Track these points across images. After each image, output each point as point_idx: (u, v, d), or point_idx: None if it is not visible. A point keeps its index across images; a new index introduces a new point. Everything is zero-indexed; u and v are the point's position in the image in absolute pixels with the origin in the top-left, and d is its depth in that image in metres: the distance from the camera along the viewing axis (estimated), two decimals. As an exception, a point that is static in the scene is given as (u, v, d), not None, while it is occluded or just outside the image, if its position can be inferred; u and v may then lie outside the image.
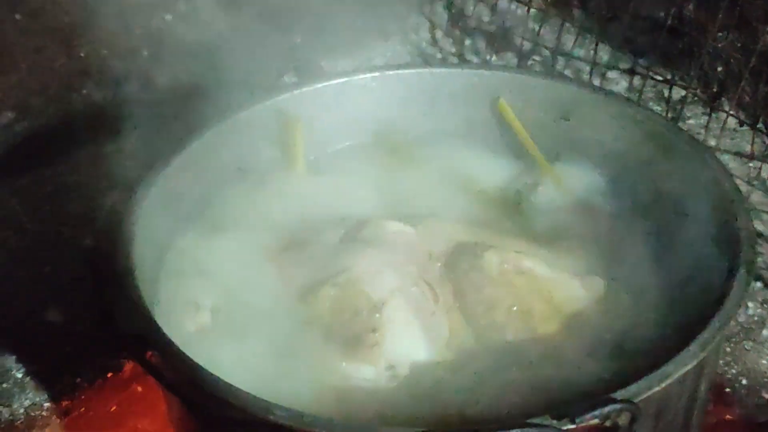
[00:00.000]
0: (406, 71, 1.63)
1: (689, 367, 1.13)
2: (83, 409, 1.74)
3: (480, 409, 1.21)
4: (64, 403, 1.73)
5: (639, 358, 1.24)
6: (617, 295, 1.37)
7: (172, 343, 1.17)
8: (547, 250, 1.42)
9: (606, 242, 1.45)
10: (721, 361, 1.70)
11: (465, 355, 1.31)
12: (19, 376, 1.75)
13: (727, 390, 1.68)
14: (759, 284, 1.83)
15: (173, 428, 1.37)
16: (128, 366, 1.78)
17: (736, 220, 1.30)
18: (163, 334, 1.18)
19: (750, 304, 1.80)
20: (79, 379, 1.75)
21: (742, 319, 1.77)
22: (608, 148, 1.53)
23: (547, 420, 1.05)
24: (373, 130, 1.63)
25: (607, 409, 1.06)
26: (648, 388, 1.10)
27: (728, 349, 1.72)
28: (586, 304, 1.35)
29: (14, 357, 1.77)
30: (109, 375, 1.77)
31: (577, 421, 1.05)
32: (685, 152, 1.43)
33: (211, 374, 1.13)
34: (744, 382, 1.68)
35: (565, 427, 1.05)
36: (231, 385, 1.11)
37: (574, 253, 1.43)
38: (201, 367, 1.14)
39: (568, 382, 1.24)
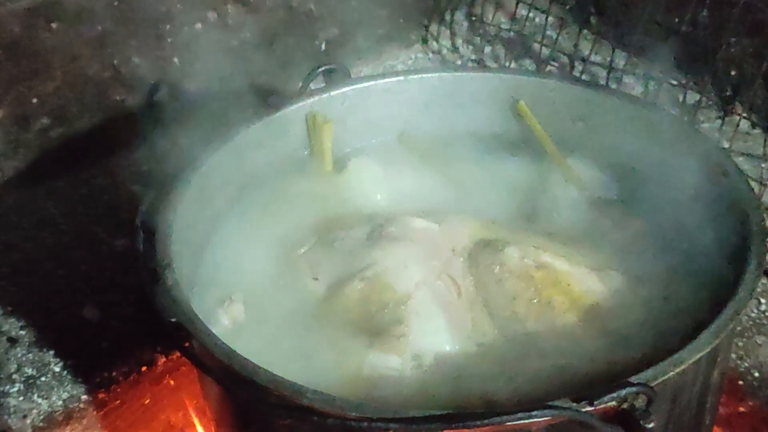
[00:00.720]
0: (429, 75, 1.69)
1: (702, 353, 1.17)
2: (118, 401, 1.79)
3: (502, 395, 1.26)
4: (101, 396, 1.77)
5: (654, 347, 1.29)
6: (634, 288, 1.41)
7: (209, 331, 1.23)
8: (566, 245, 1.47)
9: (622, 238, 1.49)
10: (733, 355, 1.74)
11: (487, 346, 1.35)
12: (57, 370, 1.79)
13: (740, 383, 1.71)
14: (771, 281, 1.87)
15: (210, 413, 1.43)
16: (161, 361, 1.83)
17: (749, 216, 1.35)
18: (201, 322, 1.24)
19: (762, 300, 1.83)
20: (114, 373, 1.79)
21: (754, 314, 1.81)
22: (623, 147, 1.57)
23: (566, 402, 1.10)
24: (397, 131, 1.69)
25: (624, 392, 1.10)
26: (663, 373, 1.14)
27: (740, 344, 1.76)
28: (604, 297, 1.39)
29: (53, 352, 1.82)
30: (144, 369, 1.81)
31: (595, 403, 1.09)
32: (698, 152, 1.47)
33: (248, 360, 1.18)
34: (756, 375, 1.72)
35: (584, 410, 1.09)
36: (266, 370, 1.16)
37: (591, 248, 1.47)
38: (237, 353, 1.19)
39: (587, 369, 1.28)
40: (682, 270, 1.42)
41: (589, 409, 1.09)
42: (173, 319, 1.25)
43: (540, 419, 1.09)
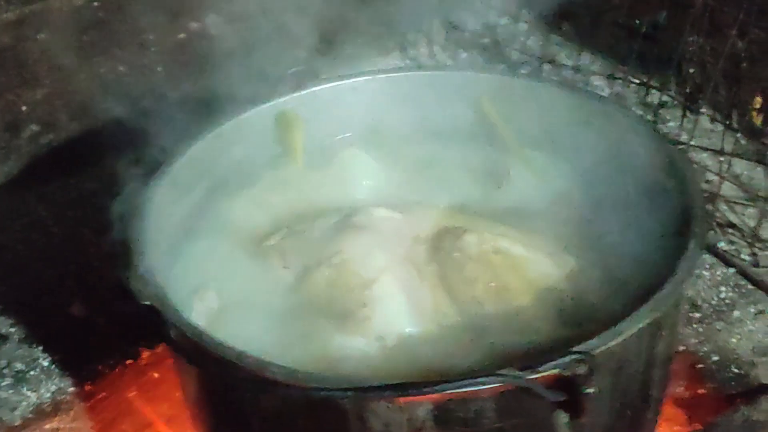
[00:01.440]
0: (395, 74, 1.77)
1: (643, 324, 1.24)
2: (104, 393, 1.86)
3: (458, 370, 1.33)
4: (87, 388, 1.85)
5: (605, 325, 1.36)
6: (586, 271, 1.48)
7: (181, 312, 1.30)
8: (523, 232, 1.54)
9: (576, 225, 1.56)
10: (694, 340, 1.81)
11: (447, 327, 1.42)
12: (46, 364, 1.87)
13: (700, 366, 1.78)
14: (731, 270, 1.94)
15: (185, 394, 1.50)
16: (146, 354, 1.91)
17: (692, 199, 1.42)
18: (172, 304, 1.31)
19: (723, 288, 1.90)
20: (100, 367, 1.87)
21: (714, 302, 1.88)
22: (579, 140, 1.63)
23: (512, 371, 1.16)
24: (366, 127, 1.76)
25: (566, 359, 1.17)
26: (604, 343, 1.20)
27: (701, 330, 1.83)
28: (558, 280, 1.46)
29: (41, 347, 1.90)
30: (128, 362, 1.89)
31: (539, 370, 1.16)
32: (646, 141, 1.55)
33: (216, 338, 1.25)
34: (715, 358, 1.79)
35: (528, 377, 1.16)
36: (233, 347, 1.23)
37: (547, 235, 1.54)
38: (206, 332, 1.26)
39: (540, 346, 1.35)
40: (632, 253, 1.48)
41: (533, 376, 1.16)
42: (147, 302, 1.32)
43: (486, 386, 1.16)
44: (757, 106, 2.08)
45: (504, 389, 1.18)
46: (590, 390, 1.18)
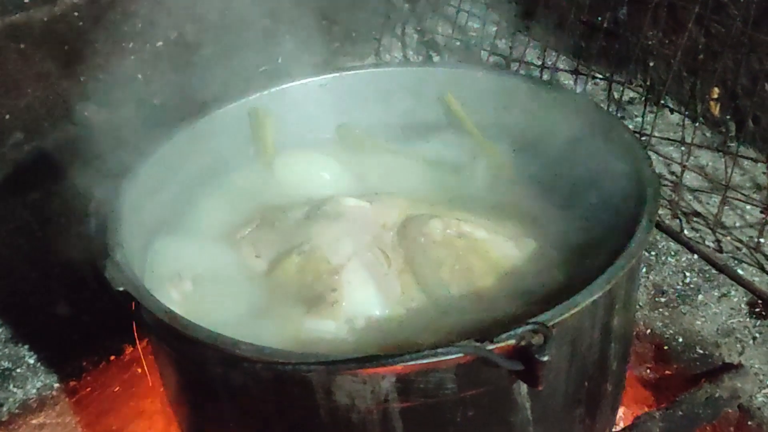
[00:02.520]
0: (362, 71, 1.83)
1: (596, 297, 1.30)
2: (89, 389, 1.91)
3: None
4: (72, 384, 1.89)
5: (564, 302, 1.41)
6: (546, 253, 1.53)
7: (154, 296, 1.36)
8: (486, 218, 1.59)
9: (537, 210, 1.62)
10: (659, 324, 1.86)
11: (415, 309, 1.48)
12: (31, 362, 1.91)
13: (666, 348, 1.83)
14: (696, 256, 1.99)
15: (161, 377, 1.55)
16: (129, 350, 1.95)
17: (644, 181, 1.48)
18: (146, 289, 1.37)
19: (688, 274, 1.96)
20: (84, 363, 1.91)
21: (679, 287, 1.93)
22: (540, 129, 1.70)
23: (470, 342, 1.21)
24: (335, 124, 1.82)
25: (520, 330, 1.22)
26: (559, 314, 1.26)
27: (666, 313, 1.88)
28: (520, 262, 1.52)
29: (27, 346, 1.94)
30: (112, 358, 1.93)
31: (495, 340, 1.21)
32: (605, 128, 1.60)
33: (188, 319, 1.30)
34: (680, 340, 1.83)
35: (487, 347, 1.21)
36: (204, 327, 1.28)
37: (509, 220, 1.60)
38: (178, 314, 1.32)
39: (501, 323, 1.39)
40: (592, 236, 1.55)
41: (490, 347, 1.21)
42: (121, 288, 1.37)
43: (446, 357, 1.21)
44: (715, 96, 2.14)
45: (464, 360, 1.23)
46: (545, 358, 1.22)
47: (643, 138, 2.07)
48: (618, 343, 1.46)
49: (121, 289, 1.37)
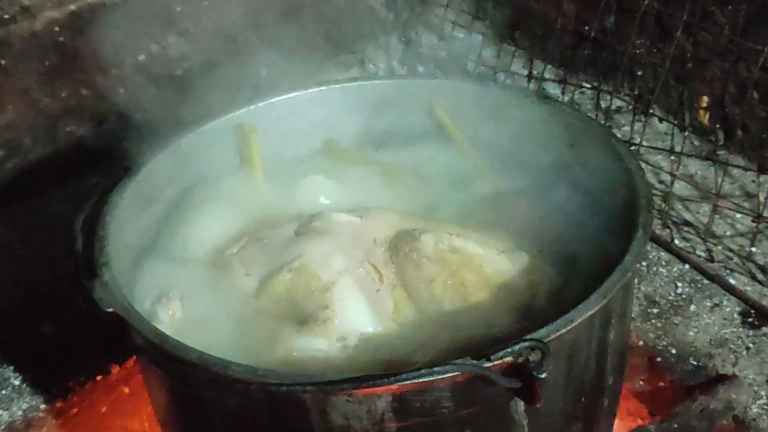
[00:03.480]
0: (349, 84, 1.80)
1: (592, 311, 1.28)
2: (76, 410, 1.88)
3: (418, 364, 1.37)
4: (58, 405, 1.87)
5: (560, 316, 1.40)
6: (540, 266, 1.51)
7: (143, 317, 1.34)
8: (478, 231, 1.57)
9: (529, 222, 1.60)
10: (652, 335, 1.85)
11: (408, 326, 1.46)
12: (17, 383, 1.89)
13: (659, 360, 1.82)
14: (687, 266, 1.98)
15: (150, 398, 1.52)
16: (116, 370, 1.93)
17: (638, 192, 1.46)
18: (135, 310, 1.34)
19: (679, 284, 1.95)
20: (70, 383, 1.89)
21: (671, 297, 1.92)
22: (530, 141, 1.69)
23: (467, 360, 1.20)
24: (323, 137, 1.80)
25: (518, 347, 1.20)
26: (555, 330, 1.25)
27: (659, 324, 1.87)
28: (513, 275, 1.50)
29: (12, 366, 1.92)
30: (99, 378, 1.91)
31: (492, 358, 1.20)
32: (595, 138, 1.59)
33: (178, 340, 1.28)
34: (673, 351, 1.83)
35: (483, 365, 1.19)
36: (195, 349, 1.26)
37: (502, 233, 1.58)
38: (169, 335, 1.29)
39: (497, 338, 1.38)
40: (583, 247, 1.53)
41: (487, 364, 1.19)
42: (110, 309, 1.35)
43: (443, 375, 1.19)
44: (704, 104, 2.14)
45: (460, 378, 1.21)
46: (543, 375, 1.20)
47: (632, 147, 2.05)
48: (614, 357, 1.45)
49: (110, 310, 1.34)
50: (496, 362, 1.20)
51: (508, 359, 1.21)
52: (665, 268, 1.99)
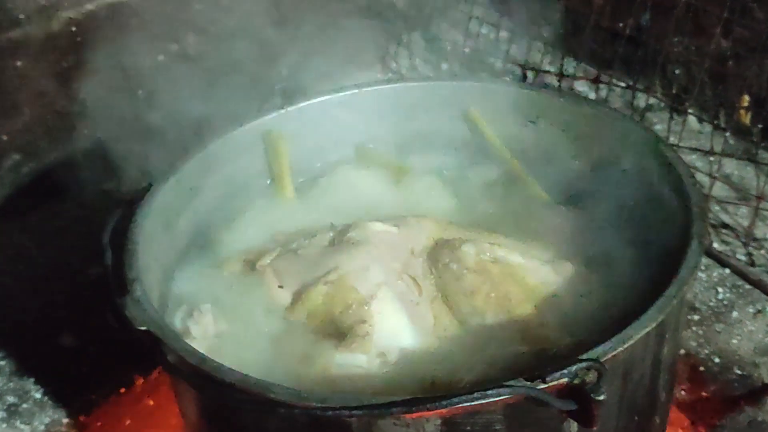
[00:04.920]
0: (382, 87, 1.74)
1: (649, 329, 1.23)
2: (99, 423, 1.84)
3: (463, 383, 1.31)
4: (82, 418, 1.83)
5: (607, 329, 1.34)
6: (586, 276, 1.46)
7: (179, 336, 1.28)
8: (520, 241, 1.52)
9: (573, 231, 1.55)
10: (693, 343, 1.80)
11: (449, 339, 1.41)
12: (38, 396, 1.85)
13: (702, 369, 1.77)
14: (727, 270, 1.92)
15: (185, 418, 1.47)
16: (140, 382, 1.88)
17: (690, 200, 1.41)
18: (170, 328, 1.29)
19: (720, 289, 1.89)
20: (94, 396, 1.85)
21: (712, 303, 1.87)
22: (571, 145, 1.63)
23: (521, 382, 1.14)
24: (355, 143, 1.74)
25: (574, 368, 1.15)
26: (612, 350, 1.19)
27: (701, 332, 1.82)
28: (558, 287, 1.45)
29: (33, 379, 1.87)
30: (122, 391, 1.87)
31: (548, 380, 1.14)
32: (641, 144, 1.53)
33: (217, 361, 1.22)
34: (716, 360, 1.78)
35: (538, 387, 1.14)
36: (235, 370, 1.21)
37: (544, 242, 1.53)
38: (207, 356, 1.24)
39: (544, 354, 1.33)
40: (630, 256, 1.48)
41: (542, 386, 1.14)
42: (143, 328, 1.29)
43: (496, 398, 1.14)
44: (745, 104, 2.08)
45: (513, 400, 1.16)
46: (601, 397, 1.15)
47: (669, 148, 2.00)
48: (666, 373, 1.40)
49: (143, 328, 1.29)
50: (551, 384, 1.15)
51: (564, 380, 1.15)
52: (705, 273, 1.94)
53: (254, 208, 1.66)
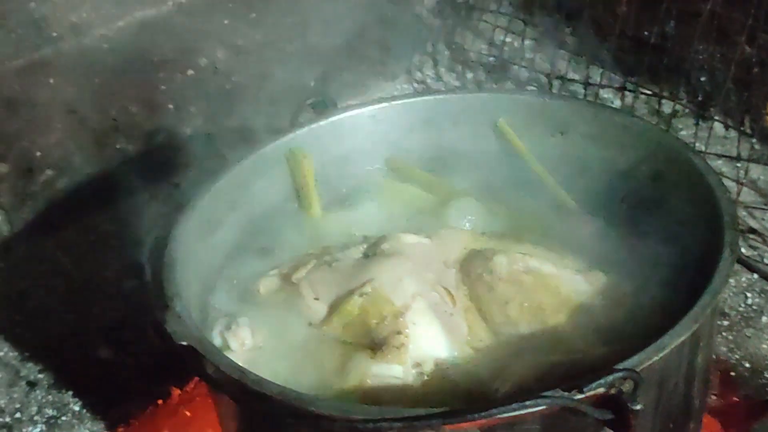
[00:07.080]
0: (412, 99, 1.76)
1: (684, 337, 1.24)
2: (137, 435, 1.86)
3: (499, 392, 1.33)
4: (120, 430, 1.85)
5: (641, 338, 1.35)
6: (618, 285, 1.48)
7: (219, 350, 1.31)
8: (552, 251, 1.54)
9: (605, 241, 1.56)
10: (724, 348, 1.81)
11: (484, 349, 1.42)
12: (77, 408, 1.87)
13: (732, 374, 1.78)
14: (755, 275, 1.93)
15: (221, 427, 1.49)
16: (177, 393, 1.90)
17: (720, 207, 1.42)
18: (210, 342, 1.32)
19: (749, 294, 1.90)
20: (131, 408, 1.86)
21: (742, 308, 1.88)
22: (600, 156, 1.65)
23: (558, 392, 1.16)
24: (384, 156, 1.76)
25: (611, 378, 1.16)
26: (648, 359, 1.20)
27: (731, 337, 1.83)
28: (591, 296, 1.46)
29: (71, 392, 1.90)
30: (160, 402, 1.88)
31: (585, 390, 1.15)
32: (670, 153, 1.55)
33: (257, 375, 1.25)
34: (747, 365, 1.79)
35: (575, 397, 1.15)
36: (275, 383, 1.23)
37: (576, 253, 1.54)
38: (247, 369, 1.26)
39: (578, 364, 1.34)
40: (663, 265, 1.48)
41: (579, 396, 1.15)
42: (184, 342, 1.32)
43: (534, 409, 1.15)
44: (770, 109, 2.10)
45: (550, 411, 1.17)
46: (638, 407, 1.17)
47: (696, 155, 2.01)
48: (700, 381, 1.41)
49: (184, 343, 1.31)
50: (588, 394, 1.16)
51: (601, 390, 1.17)
52: (733, 278, 1.95)
53: (289, 218, 1.68)
